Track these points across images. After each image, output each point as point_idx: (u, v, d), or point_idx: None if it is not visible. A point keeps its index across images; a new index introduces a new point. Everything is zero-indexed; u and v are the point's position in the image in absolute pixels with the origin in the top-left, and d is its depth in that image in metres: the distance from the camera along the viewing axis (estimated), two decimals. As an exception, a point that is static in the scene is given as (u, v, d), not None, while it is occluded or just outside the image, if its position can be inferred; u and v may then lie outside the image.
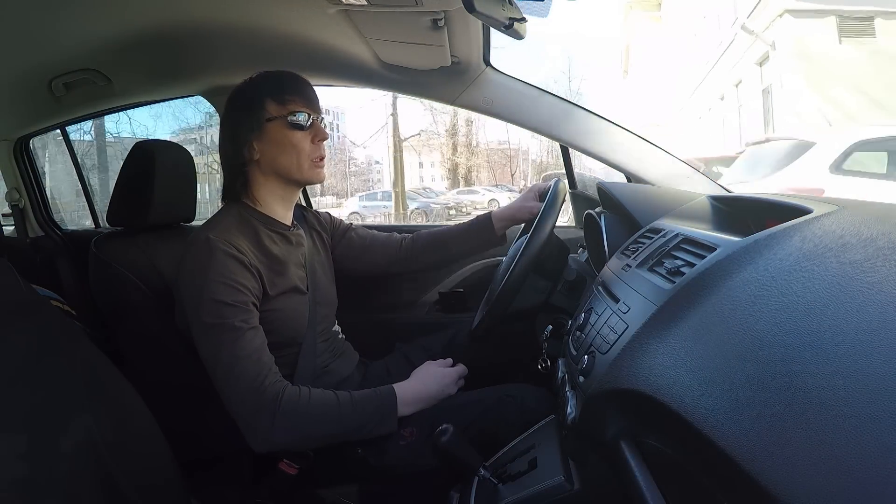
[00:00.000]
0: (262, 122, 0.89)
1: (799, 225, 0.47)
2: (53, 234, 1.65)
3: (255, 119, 0.89)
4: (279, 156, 0.90)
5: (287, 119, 0.89)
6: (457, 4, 0.78)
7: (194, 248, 0.84)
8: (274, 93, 0.90)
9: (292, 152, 0.90)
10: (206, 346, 0.80)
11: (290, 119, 0.89)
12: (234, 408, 0.78)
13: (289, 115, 0.89)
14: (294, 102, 0.90)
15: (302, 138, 0.90)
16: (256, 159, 0.91)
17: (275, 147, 0.90)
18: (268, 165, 0.92)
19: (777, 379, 0.32)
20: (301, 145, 0.90)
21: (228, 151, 0.92)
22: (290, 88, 0.91)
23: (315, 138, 0.92)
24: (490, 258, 1.41)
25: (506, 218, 1.14)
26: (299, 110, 0.90)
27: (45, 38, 0.98)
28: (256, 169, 0.92)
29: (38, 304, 0.63)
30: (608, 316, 0.58)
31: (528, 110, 1.21)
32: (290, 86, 0.91)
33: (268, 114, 0.89)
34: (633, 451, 0.46)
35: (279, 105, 0.89)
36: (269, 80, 0.92)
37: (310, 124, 0.91)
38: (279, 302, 0.88)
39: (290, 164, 0.91)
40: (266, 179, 0.93)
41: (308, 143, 0.91)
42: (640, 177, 1.18)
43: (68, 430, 0.53)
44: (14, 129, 1.52)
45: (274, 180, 0.93)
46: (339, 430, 0.81)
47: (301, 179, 0.93)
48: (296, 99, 0.90)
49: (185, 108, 6.92)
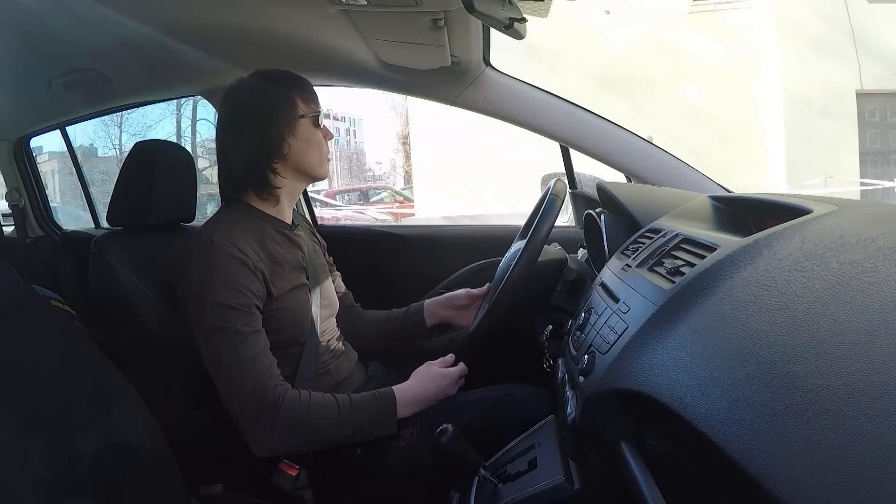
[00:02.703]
0: (296, 118, 0.91)
1: (799, 225, 0.47)
2: (53, 234, 1.65)
3: (290, 114, 0.90)
4: (307, 152, 0.92)
5: (313, 117, 0.93)
6: (457, 4, 0.77)
7: (198, 251, 0.84)
8: (300, 91, 0.92)
9: (317, 150, 0.93)
10: (209, 349, 0.80)
11: (314, 117, 0.93)
12: (235, 411, 0.78)
13: (312, 113, 0.92)
14: (314, 103, 0.94)
15: (322, 137, 0.94)
16: (285, 154, 0.91)
17: (304, 143, 0.92)
18: (295, 160, 0.92)
19: (777, 379, 0.32)
20: (322, 143, 0.94)
21: (259, 145, 0.89)
22: (311, 88, 0.95)
23: (327, 137, 0.96)
24: (490, 258, 1.41)
25: (439, 304, 1.12)
26: (319, 110, 0.94)
27: (45, 38, 0.98)
28: (284, 164, 0.92)
29: (38, 304, 0.63)
30: (608, 316, 0.58)
31: (528, 110, 1.21)
32: (310, 86, 0.95)
33: (300, 111, 0.91)
34: (633, 450, 0.46)
35: (306, 104, 0.92)
36: (292, 79, 0.94)
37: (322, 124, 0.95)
38: (284, 301, 0.88)
39: (315, 160, 0.94)
40: (287, 174, 0.92)
41: (325, 141, 0.95)
42: (640, 177, 1.18)
43: (70, 429, 0.53)
44: (14, 129, 1.52)
45: (294, 175, 0.94)
46: (340, 433, 0.81)
47: (320, 174, 0.97)
48: (315, 99, 0.94)
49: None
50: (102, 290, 1.01)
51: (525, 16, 0.81)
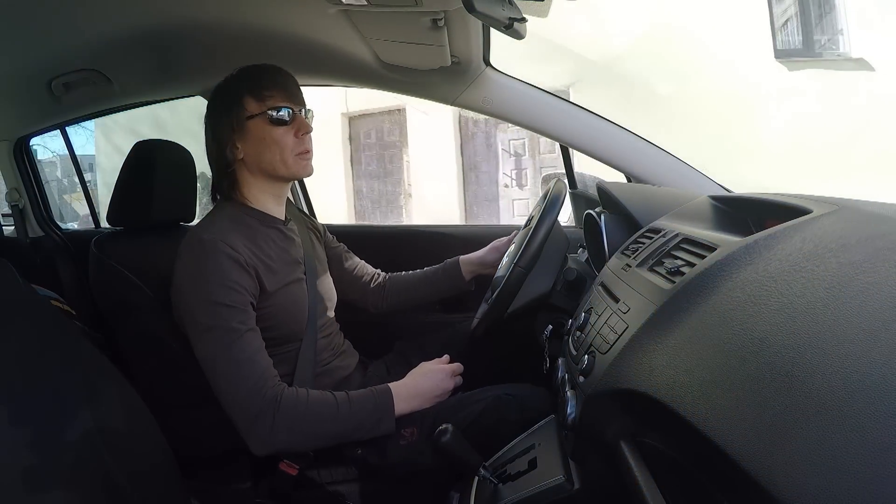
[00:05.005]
0: (242, 120, 0.88)
1: (799, 225, 0.47)
2: (53, 234, 1.65)
3: (235, 118, 0.88)
4: (263, 153, 0.89)
5: (267, 115, 0.87)
6: (457, 4, 0.77)
7: (190, 249, 0.84)
8: (252, 89, 0.88)
9: (275, 149, 0.89)
10: (204, 348, 0.80)
11: (270, 115, 0.87)
12: (233, 411, 0.78)
13: (269, 110, 0.87)
14: (273, 98, 0.88)
15: (284, 134, 0.89)
16: (241, 158, 0.90)
17: (257, 145, 0.89)
18: (253, 164, 0.91)
19: (777, 379, 0.32)
20: (283, 141, 0.89)
21: (213, 152, 0.92)
22: (269, 83, 0.89)
23: (298, 132, 0.90)
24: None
25: (474, 263, 1.18)
26: (280, 105, 0.88)
27: (45, 38, 0.98)
28: (243, 168, 0.92)
29: (38, 304, 0.63)
30: (608, 316, 0.58)
31: (528, 110, 1.21)
32: (268, 80, 0.89)
33: (247, 112, 0.88)
34: (633, 450, 0.46)
35: (258, 101, 0.88)
36: (247, 76, 0.90)
37: (292, 118, 0.89)
38: (279, 297, 0.88)
39: (274, 160, 0.89)
40: (254, 177, 0.92)
41: (291, 137, 0.89)
42: (640, 177, 1.18)
43: (70, 429, 0.53)
44: (14, 129, 1.52)
45: (262, 178, 0.93)
46: (338, 430, 0.81)
47: (287, 175, 0.92)
48: (275, 94, 0.88)
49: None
50: (102, 290, 1.01)
51: (525, 16, 0.81)
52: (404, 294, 1.19)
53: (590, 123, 1.20)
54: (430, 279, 1.19)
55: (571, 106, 1.22)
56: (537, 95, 1.21)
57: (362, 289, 1.18)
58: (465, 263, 1.18)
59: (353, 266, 1.18)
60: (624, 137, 1.19)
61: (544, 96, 1.21)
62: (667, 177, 1.16)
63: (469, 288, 1.20)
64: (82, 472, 0.53)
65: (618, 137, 1.19)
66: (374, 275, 1.21)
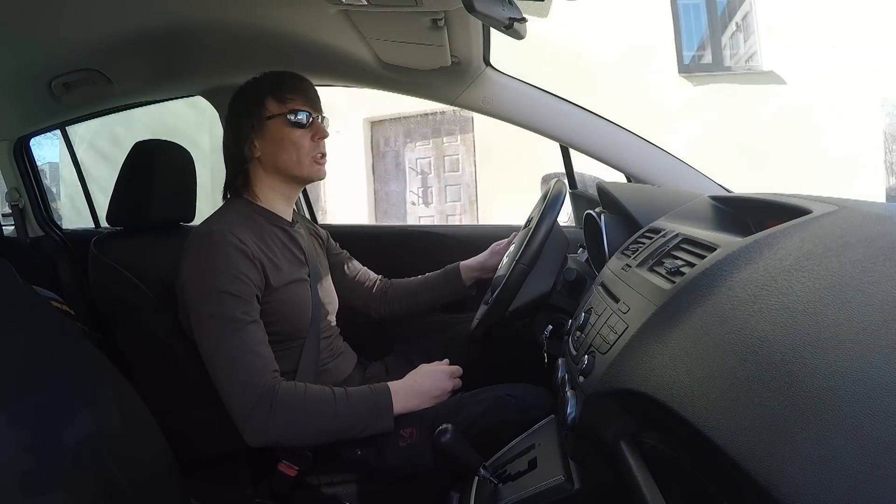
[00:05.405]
0: (262, 119, 0.92)
1: (799, 225, 0.47)
2: (53, 234, 1.65)
3: (255, 117, 0.92)
4: (280, 153, 0.93)
5: (287, 117, 0.92)
6: (457, 4, 0.77)
7: (199, 241, 0.85)
8: (274, 91, 0.92)
9: (292, 149, 0.93)
10: (207, 336, 0.80)
11: (289, 117, 0.92)
12: (230, 399, 0.78)
13: (288, 113, 0.92)
14: (294, 101, 0.93)
15: (301, 136, 0.93)
16: (257, 156, 0.94)
17: (275, 144, 0.93)
18: (269, 162, 0.94)
19: (777, 378, 0.32)
20: (301, 143, 0.93)
21: (231, 148, 0.95)
22: (290, 87, 0.93)
23: (315, 136, 0.94)
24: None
25: (475, 268, 1.18)
26: (299, 109, 0.93)
27: (45, 38, 0.98)
28: (258, 166, 0.95)
29: (38, 305, 0.63)
30: (608, 316, 0.58)
31: (528, 110, 1.21)
32: (290, 85, 0.94)
33: (268, 112, 0.92)
34: (633, 450, 0.46)
35: (279, 103, 0.92)
36: (271, 79, 0.95)
37: (310, 123, 0.94)
38: (282, 293, 0.89)
39: (290, 161, 0.93)
40: (268, 176, 0.96)
41: (308, 140, 0.93)
42: (640, 177, 1.18)
43: (70, 430, 0.53)
44: (14, 129, 1.52)
45: (275, 177, 0.96)
46: (335, 425, 0.81)
47: (301, 176, 0.96)
48: (296, 98, 0.93)
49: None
50: (102, 290, 1.01)
51: (525, 16, 0.81)
52: (406, 300, 1.19)
53: (590, 123, 1.20)
54: (431, 285, 1.19)
55: (571, 106, 1.22)
56: (537, 96, 1.21)
57: (364, 295, 1.19)
58: (465, 269, 1.18)
59: (355, 272, 1.19)
60: (624, 137, 1.19)
61: (544, 96, 1.21)
62: (667, 177, 1.16)
63: (470, 293, 1.21)
64: (82, 473, 0.53)
65: (618, 137, 1.19)
66: (376, 280, 1.21)
